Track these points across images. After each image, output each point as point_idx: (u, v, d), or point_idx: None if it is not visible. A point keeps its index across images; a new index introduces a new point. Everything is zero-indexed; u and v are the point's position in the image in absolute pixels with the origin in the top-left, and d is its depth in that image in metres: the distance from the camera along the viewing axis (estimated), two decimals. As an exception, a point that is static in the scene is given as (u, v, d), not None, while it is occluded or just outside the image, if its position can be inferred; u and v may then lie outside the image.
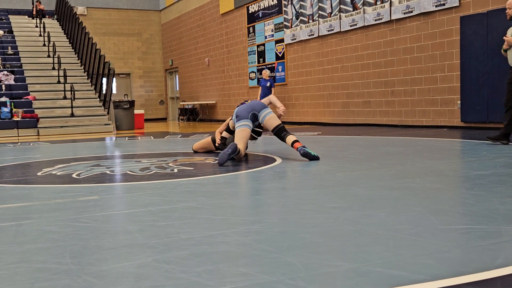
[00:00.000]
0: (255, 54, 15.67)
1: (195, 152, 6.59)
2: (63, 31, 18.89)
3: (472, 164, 4.70)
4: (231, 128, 6.04)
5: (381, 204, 3.05)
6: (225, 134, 6.16)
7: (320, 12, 12.71)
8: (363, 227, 2.50)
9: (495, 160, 4.87)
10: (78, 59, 16.95)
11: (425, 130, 9.51)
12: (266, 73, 13.57)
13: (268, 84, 13.32)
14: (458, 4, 9.32)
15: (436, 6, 9.71)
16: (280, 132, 5.57)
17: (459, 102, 9.40)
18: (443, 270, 1.85)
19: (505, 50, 6.26)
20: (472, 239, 2.26)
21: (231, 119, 5.93)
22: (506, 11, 6.24)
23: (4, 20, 19.07)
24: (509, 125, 6.11)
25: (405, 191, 3.43)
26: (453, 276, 1.78)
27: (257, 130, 5.92)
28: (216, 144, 6.29)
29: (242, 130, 5.55)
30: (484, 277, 1.77)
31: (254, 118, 5.65)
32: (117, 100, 15.15)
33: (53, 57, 16.14)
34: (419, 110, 10.27)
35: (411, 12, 10.23)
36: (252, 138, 5.99)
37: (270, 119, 5.63)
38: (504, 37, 6.19)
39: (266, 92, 13.30)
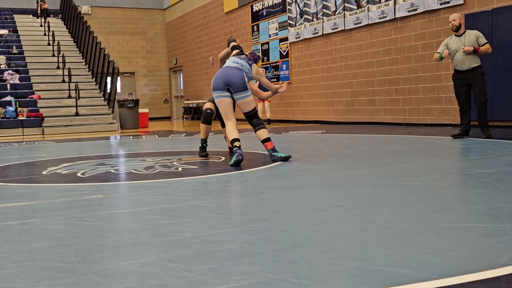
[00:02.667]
0: (259, 52, 15.66)
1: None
2: (67, 30, 18.92)
3: (477, 162, 4.69)
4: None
5: (385, 202, 3.05)
6: (208, 105, 6.01)
7: (324, 10, 12.69)
8: (367, 226, 2.50)
9: (500, 158, 4.86)
10: (82, 58, 16.99)
11: (429, 128, 9.48)
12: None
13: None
14: (462, 2, 9.29)
15: (440, 4, 9.68)
16: (251, 119, 5.33)
17: (464, 100, 9.37)
18: (448, 269, 1.85)
19: (441, 58, 7.25)
20: (477, 237, 2.25)
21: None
22: (451, 23, 7.16)
23: (8, 20, 19.12)
24: (468, 123, 7.18)
25: (409, 190, 3.42)
26: (458, 274, 1.78)
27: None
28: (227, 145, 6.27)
29: (221, 102, 5.26)
30: (488, 275, 1.77)
31: (229, 92, 5.28)
32: (121, 99, 15.17)
33: (58, 56, 16.17)
34: (424, 108, 10.25)
35: (416, 10, 10.20)
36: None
37: (244, 103, 5.27)
38: (463, 49, 6.96)
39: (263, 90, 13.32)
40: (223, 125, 6.07)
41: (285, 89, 5.79)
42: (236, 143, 5.11)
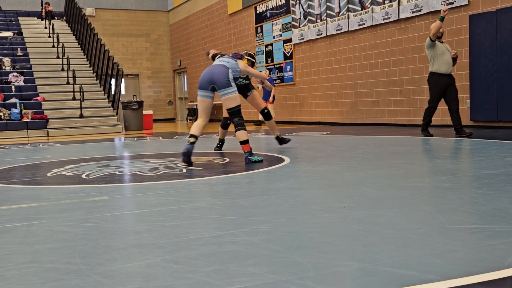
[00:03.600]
0: (263, 54, 15.67)
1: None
2: (72, 32, 18.99)
3: (481, 163, 4.68)
4: None
5: (390, 203, 3.04)
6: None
7: (328, 11, 12.69)
8: (372, 227, 2.49)
9: (505, 159, 4.85)
10: (87, 60, 17.03)
11: (434, 129, 9.46)
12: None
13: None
14: (467, 3, 9.28)
15: (445, 5, 9.66)
16: (233, 117, 5.41)
17: (468, 101, 9.35)
18: (452, 270, 1.84)
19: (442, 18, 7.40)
20: (482, 238, 2.25)
21: None
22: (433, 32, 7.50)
23: (13, 22, 19.19)
24: (430, 121, 7.87)
25: (414, 191, 3.42)
26: (462, 275, 1.78)
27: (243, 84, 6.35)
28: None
29: (203, 101, 5.45)
30: (493, 277, 1.77)
31: (214, 90, 5.45)
32: (125, 101, 15.20)
33: (62, 58, 16.22)
34: (428, 109, 10.22)
35: (420, 11, 10.19)
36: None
37: (227, 99, 5.36)
38: (453, 54, 7.53)
39: (266, 92, 13.40)
40: (223, 126, 6.74)
41: (266, 75, 6.38)
42: (191, 139, 5.28)
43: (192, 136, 5.29)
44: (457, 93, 7.52)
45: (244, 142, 5.28)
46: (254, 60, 6.68)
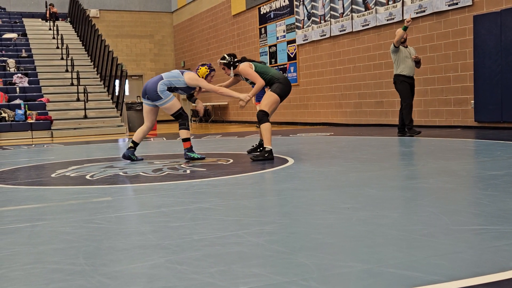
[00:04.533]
0: (267, 55, 15.67)
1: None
2: (76, 33, 19.03)
3: (486, 164, 4.66)
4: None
5: (394, 204, 3.04)
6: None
7: (332, 12, 12.68)
8: (376, 228, 2.49)
9: (510, 160, 4.83)
10: (91, 61, 17.07)
11: (438, 130, 9.44)
12: None
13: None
14: (471, 3, 9.25)
15: (449, 6, 9.65)
16: (176, 120, 5.93)
17: (473, 101, 9.33)
18: (457, 271, 1.84)
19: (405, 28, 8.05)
20: (486, 239, 2.24)
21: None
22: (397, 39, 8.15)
23: (18, 23, 19.26)
24: (403, 121, 8.28)
25: (418, 192, 3.41)
26: (467, 277, 1.77)
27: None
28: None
29: (144, 107, 6.11)
30: (498, 278, 1.76)
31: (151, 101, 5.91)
32: (129, 102, 15.23)
33: (66, 60, 16.27)
34: (432, 110, 10.21)
35: (424, 11, 10.17)
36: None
37: (164, 109, 5.93)
38: (416, 55, 8.19)
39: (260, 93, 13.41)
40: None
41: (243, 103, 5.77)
42: (131, 144, 6.01)
43: (133, 142, 6.07)
44: (413, 96, 8.30)
45: (185, 140, 5.84)
46: (226, 61, 5.84)
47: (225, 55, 5.90)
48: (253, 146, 6.48)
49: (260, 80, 5.64)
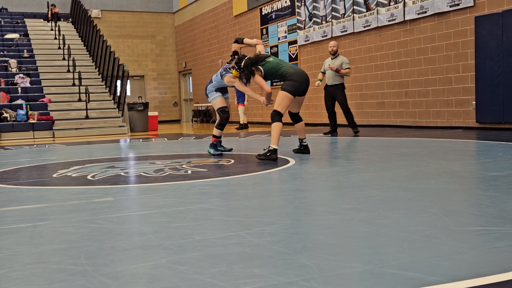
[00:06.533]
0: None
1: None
2: (78, 34, 19.05)
3: (488, 165, 4.66)
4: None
5: (396, 205, 3.04)
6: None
7: (333, 13, 12.68)
8: (378, 229, 2.49)
9: (511, 161, 4.82)
10: (92, 62, 17.08)
11: (439, 131, 9.44)
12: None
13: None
14: (472, 4, 9.25)
15: (450, 6, 9.65)
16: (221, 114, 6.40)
17: (474, 102, 9.32)
18: (458, 272, 1.84)
19: (324, 72, 9.42)
20: (488, 240, 2.24)
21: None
22: (331, 48, 9.26)
23: (20, 24, 19.28)
24: (335, 124, 9.71)
25: (420, 192, 3.41)
26: (469, 278, 1.77)
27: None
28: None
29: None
30: (500, 279, 1.76)
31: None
32: (131, 102, 15.23)
33: (68, 60, 16.28)
34: (434, 111, 10.20)
35: (425, 12, 10.16)
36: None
37: (212, 105, 6.52)
38: (329, 66, 9.11)
39: (239, 94, 13.67)
40: (294, 122, 6.35)
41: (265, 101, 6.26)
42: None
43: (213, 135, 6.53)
44: (340, 102, 9.39)
45: (213, 136, 6.46)
46: (239, 69, 5.91)
47: (238, 60, 5.91)
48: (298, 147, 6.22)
49: (266, 88, 6.06)
